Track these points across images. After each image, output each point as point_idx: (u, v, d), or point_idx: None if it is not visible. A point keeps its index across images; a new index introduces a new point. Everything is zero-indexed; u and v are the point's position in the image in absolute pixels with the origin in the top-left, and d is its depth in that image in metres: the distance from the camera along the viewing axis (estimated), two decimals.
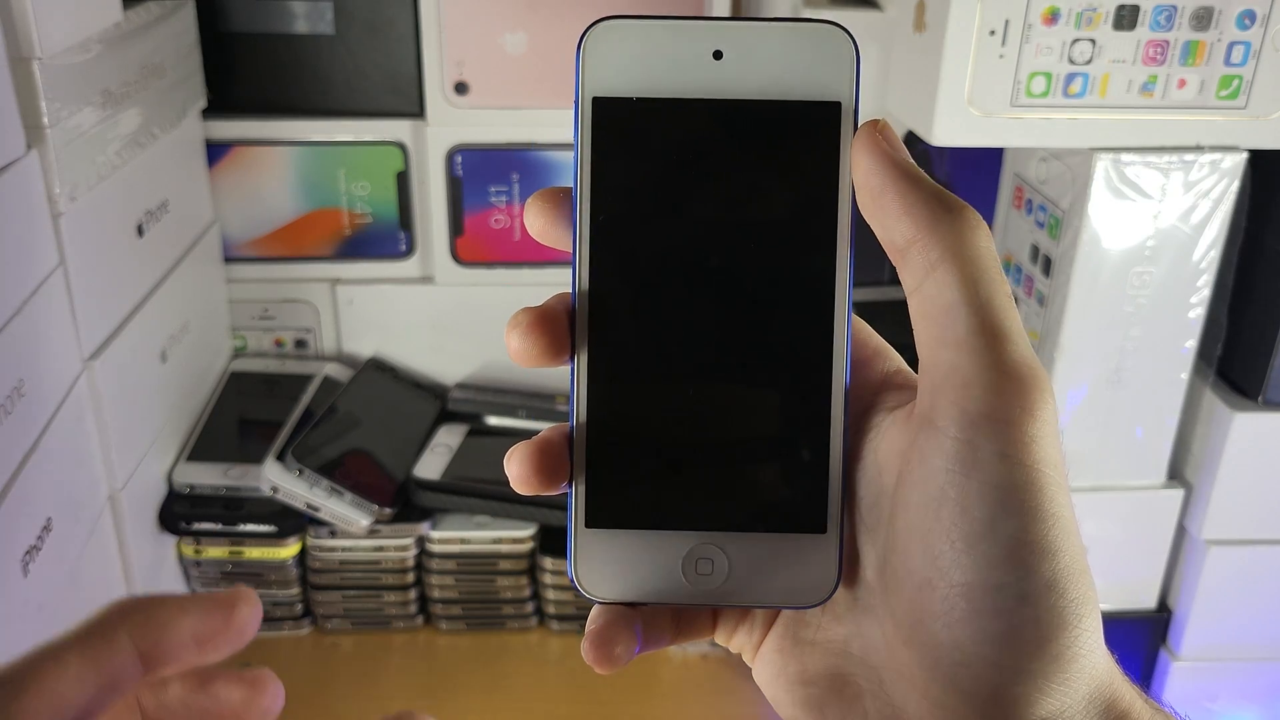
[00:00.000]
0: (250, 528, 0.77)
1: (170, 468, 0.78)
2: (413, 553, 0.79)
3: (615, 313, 0.28)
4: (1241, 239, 0.69)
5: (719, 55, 0.27)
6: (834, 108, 0.27)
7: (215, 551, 0.78)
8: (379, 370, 0.90)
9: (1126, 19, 0.62)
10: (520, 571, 0.80)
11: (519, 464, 0.28)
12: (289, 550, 0.78)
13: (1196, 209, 0.67)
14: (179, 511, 0.76)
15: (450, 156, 0.85)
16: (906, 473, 0.26)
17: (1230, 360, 0.73)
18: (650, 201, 0.28)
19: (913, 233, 0.26)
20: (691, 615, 0.30)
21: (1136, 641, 0.80)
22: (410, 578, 0.80)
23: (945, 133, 0.65)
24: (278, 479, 0.77)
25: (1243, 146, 0.66)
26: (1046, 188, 0.72)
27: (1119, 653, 0.26)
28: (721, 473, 0.28)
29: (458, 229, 0.87)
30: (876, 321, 0.31)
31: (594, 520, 0.28)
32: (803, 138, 0.27)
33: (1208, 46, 0.62)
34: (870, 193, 0.27)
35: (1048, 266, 0.72)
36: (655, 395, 0.28)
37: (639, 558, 0.28)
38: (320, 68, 0.84)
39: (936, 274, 0.25)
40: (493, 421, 0.89)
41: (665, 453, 0.28)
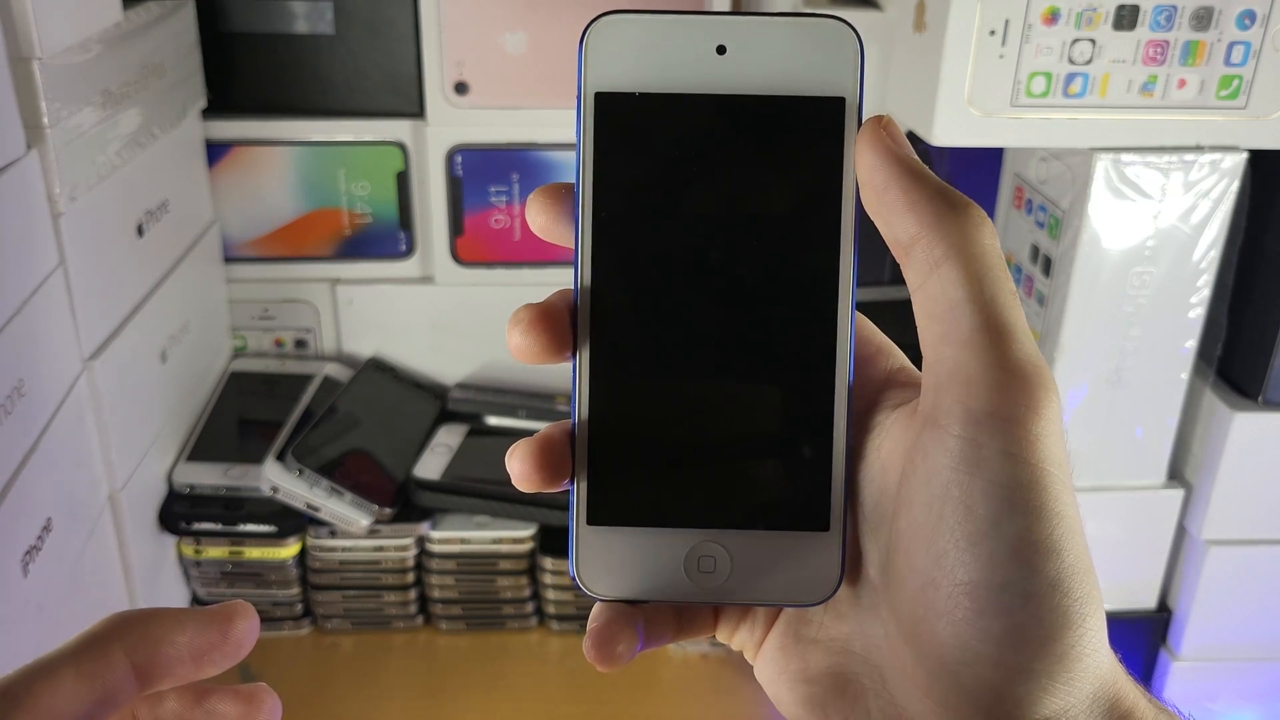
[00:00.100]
0: (250, 528, 0.77)
1: (170, 468, 0.78)
2: (413, 553, 0.79)
3: (617, 309, 0.28)
4: (1241, 239, 0.69)
5: (722, 50, 0.27)
6: (838, 103, 0.27)
7: (215, 551, 0.78)
8: (379, 370, 0.90)
9: (1126, 19, 0.62)
10: (520, 571, 0.80)
11: (521, 461, 0.28)
12: (289, 550, 0.78)
13: (1196, 209, 0.67)
14: (179, 511, 0.76)
15: (450, 156, 0.85)
16: (910, 471, 0.26)
17: (1230, 360, 0.73)
18: (653, 198, 0.28)
19: (917, 230, 0.26)
20: (693, 613, 0.30)
21: (1136, 641, 0.79)
22: (410, 578, 0.80)
23: (945, 133, 0.65)
24: (278, 479, 0.77)
25: (1243, 146, 0.65)
26: (1046, 188, 0.72)
27: (1119, 653, 0.26)
28: (724, 470, 0.28)
29: (458, 229, 0.87)
30: (877, 322, 0.31)
31: (596, 518, 0.28)
32: (806, 133, 0.27)
33: (1208, 46, 0.62)
34: (874, 189, 0.26)
35: (1048, 266, 0.72)
36: (657, 392, 0.28)
37: (641, 555, 0.28)
38: (320, 68, 0.84)
39: (941, 271, 0.25)
40: (493, 421, 0.88)
41: (667, 450, 0.28)
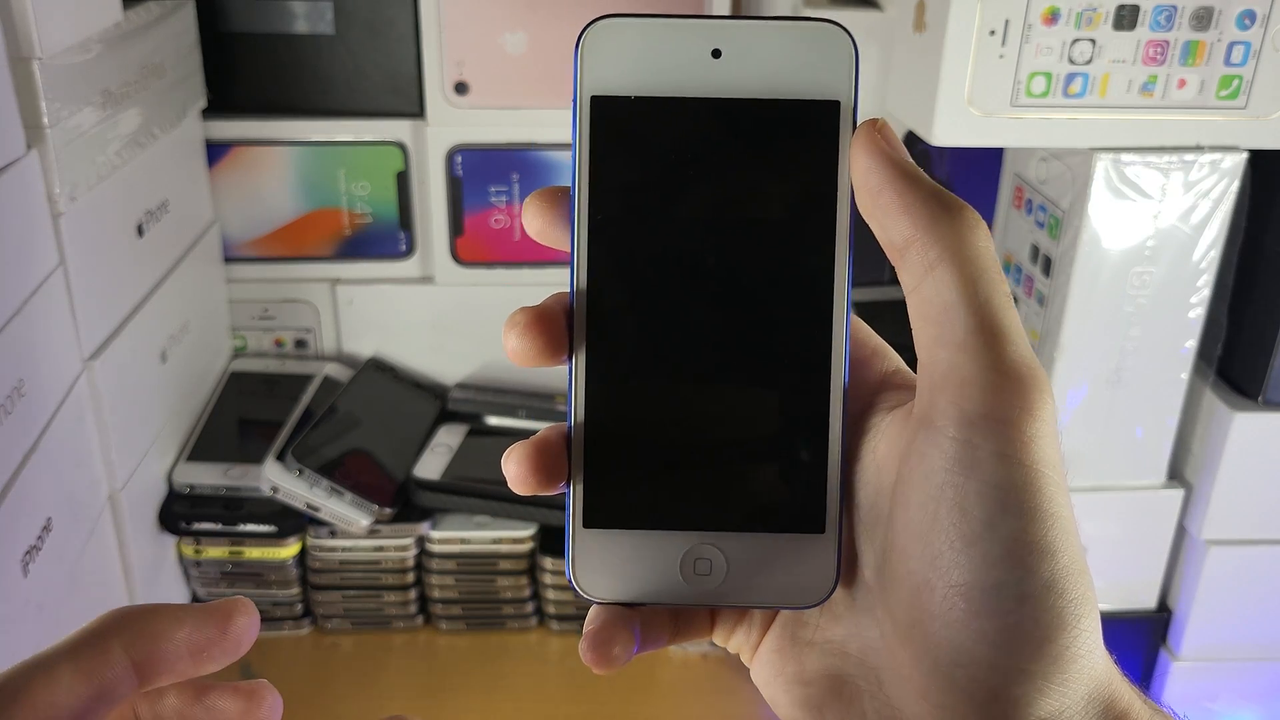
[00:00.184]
0: (250, 528, 0.77)
1: (170, 468, 0.78)
2: (413, 553, 0.79)
3: (613, 313, 0.28)
4: (1241, 239, 0.69)
5: (717, 54, 0.27)
6: (833, 106, 0.27)
7: (215, 551, 0.78)
8: (379, 370, 0.90)
9: (1126, 19, 0.62)
10: (520, 571, 0.80)
11: (517, 464, 0.28)
12: (289, 550, 0.78)
13: (1196, 209, 0.67)
14: (179, 511, 0.76)
15: (450, 156, 0.85)
16: (905, 473, 0.26)
17: (1230, 360, 0.73)
18: (649, 201, 0.28)
19: (911, 232, 0.26)
20: (690, 615, 0.30)
21: (1136, 641, 0.79)
22: (410, 578, 0.80)
23: (945, 133, 0.65)
24: (278, 479, 0.77)
25: (1243, 146, 0.65)
26: (1046, 188, 0.72)
27: (1119, 653, 0.26)
28: (720, 473, 0.28)
29: (458, 229, 0.87)
30: (876, 321, 0.31)
31: (592, 520, 0.28)
32: (801, 137, 0.27)
33: (1208, 46, 0.62)
34: (869, 192, 0.26)
35: (1048, 266, 0.72)
36: (653, 395, 0.28)
37: (637, 558, 0.28)
38: (320, 68, 0.84)
39: (935, 274, 0.25)
40: (493, 421, 0.89)
41: (663, 453, 0.28)
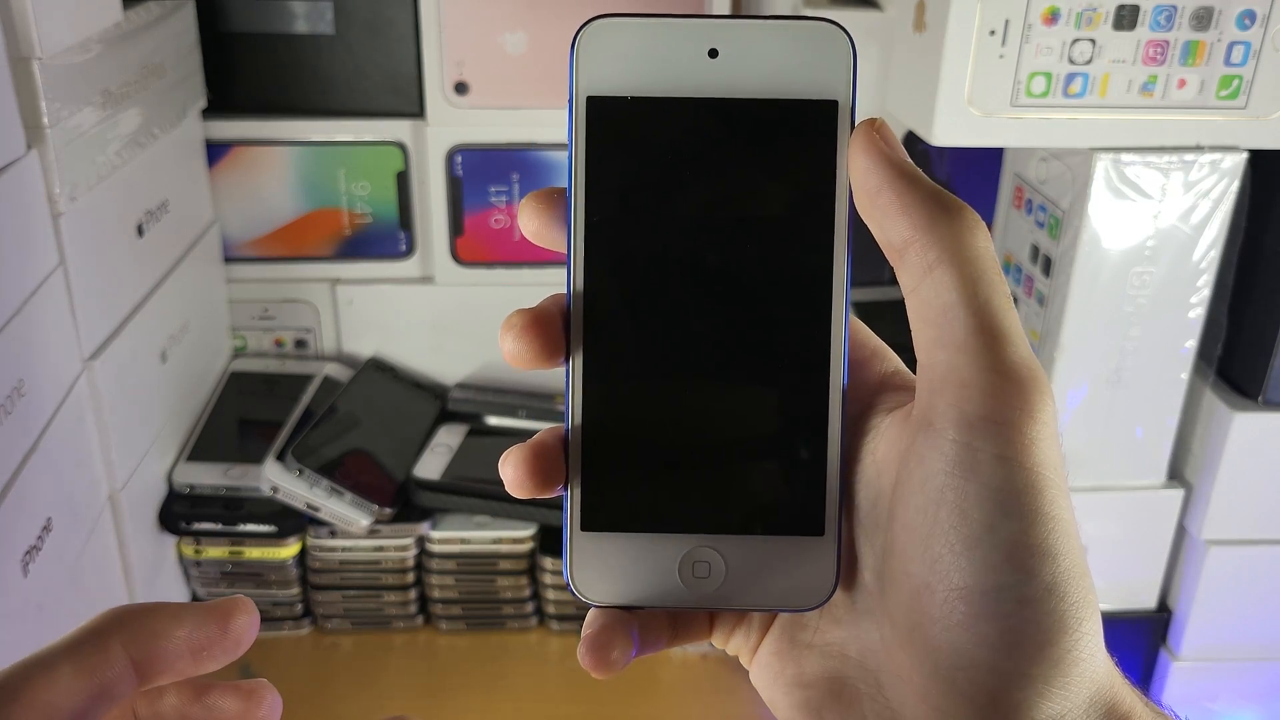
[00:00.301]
0: (250, 528, 0.77)
1: (170, 468, 0.78)
2: (413, 553, 0.79)
3: (610, 314, 0.28)
4: (1241, 239, 0.69)
5: (714, 54, 0.27)
6: (831, 106, 0.27)
7: (215, 551, 0.78)
8: (379, 370, 0.90)
9: (1126, 19, 0.62)
10: (520, 571, 0.80)
11: (514, 467, 0.28)
12: (289, 550, 0.78)
13: (1196, 209, 0.67)
14: (179, 511, 0.76)
15: (450, 156, 0.85)
16: (905, 475, 0.26)
17: (1230, 360, 0.73)
18: (646, 202, 0.28)
19: (910, 233, 0.26)
20: (688, 618, 0.30)
21: (1136, 642, 0.79)
22: (410, 578, 0.80)
23: (945, 133, 0.64)
24: (278, 479, 0.77)
25: (1243, 146, 0.65)
26: (1046, 188, 0.72)
27: (1119, 653, 0.26)
28: (718, 475, 0.28)
29: (458, 229, 0.87)
30: (876, 322, 0.31)
31: (589, 524, 0.28)
32: (799, 137, 0.27)
33: (1208, 46, 0.62)
34: (867, 192, 0.26)
35: (1048, 266, 0.72)
36: (651, 397, 0.28)
37: (635, 561, 0.28)
38: (320, 68, 0.84)
39: (934, 275, 0.25)
40: (493, 421, 0.88)
41: (661, 455, 0.28)
